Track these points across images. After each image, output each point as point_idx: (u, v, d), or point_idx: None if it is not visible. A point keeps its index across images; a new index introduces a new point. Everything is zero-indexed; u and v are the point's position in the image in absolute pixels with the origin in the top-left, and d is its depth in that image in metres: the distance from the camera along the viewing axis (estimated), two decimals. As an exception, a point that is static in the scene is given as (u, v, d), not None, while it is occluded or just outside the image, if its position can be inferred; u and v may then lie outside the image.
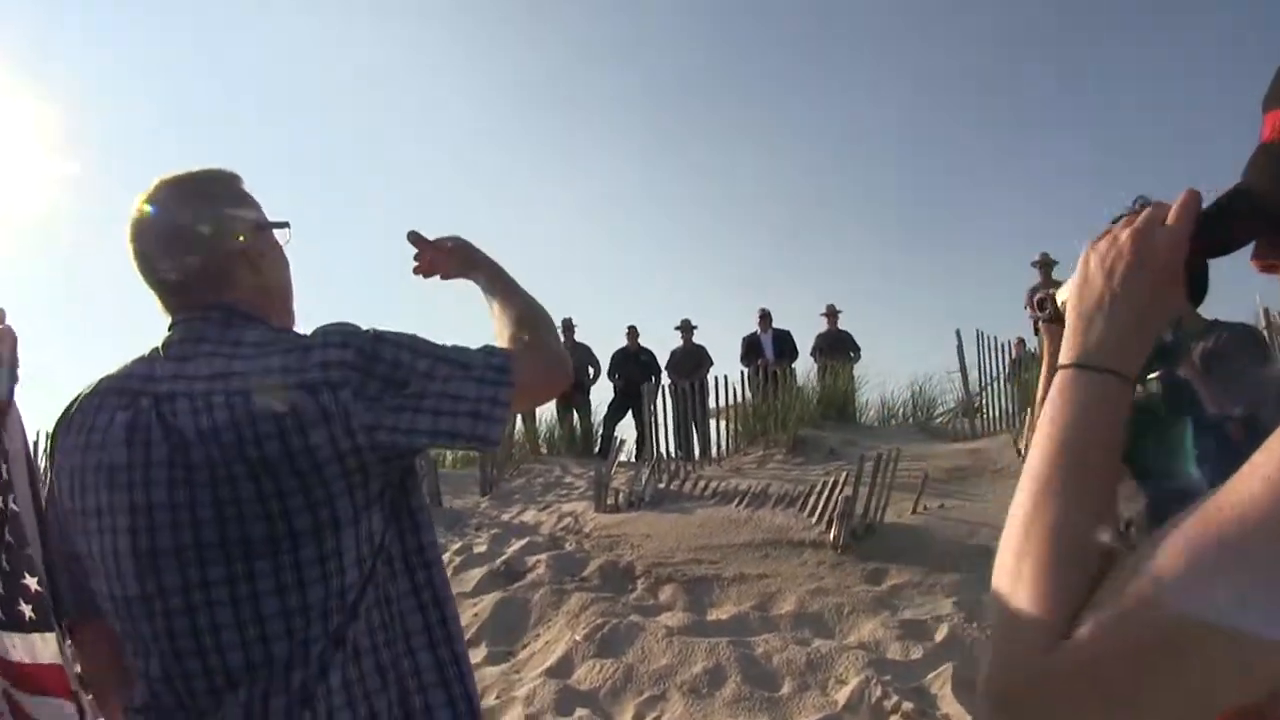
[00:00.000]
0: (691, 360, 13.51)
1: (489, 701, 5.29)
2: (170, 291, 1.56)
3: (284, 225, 1.68)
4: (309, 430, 1.35)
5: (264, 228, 1.63)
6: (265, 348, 1.42)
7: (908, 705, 4.48)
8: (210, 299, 1.54)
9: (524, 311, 1.74)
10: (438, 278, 1.91)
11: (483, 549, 7.95)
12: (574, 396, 13.47)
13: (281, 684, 1.38)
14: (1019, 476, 0.80)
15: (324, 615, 1.40)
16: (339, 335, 1.46)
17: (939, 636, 5.30)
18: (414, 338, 1.51)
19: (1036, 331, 2.74)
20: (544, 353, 1.65)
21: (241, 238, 1.57)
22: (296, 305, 1.71)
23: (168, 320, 1.55)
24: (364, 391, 1.41)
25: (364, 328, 1.50)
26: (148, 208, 1.56)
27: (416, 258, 1.89)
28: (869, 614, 5.71)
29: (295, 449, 1.34)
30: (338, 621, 1.41)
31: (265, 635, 1.38)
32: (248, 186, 1.66)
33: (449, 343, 1.55)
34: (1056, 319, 2.60)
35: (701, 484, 8.98)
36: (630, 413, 13.18)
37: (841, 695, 4.70)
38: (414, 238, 1.87)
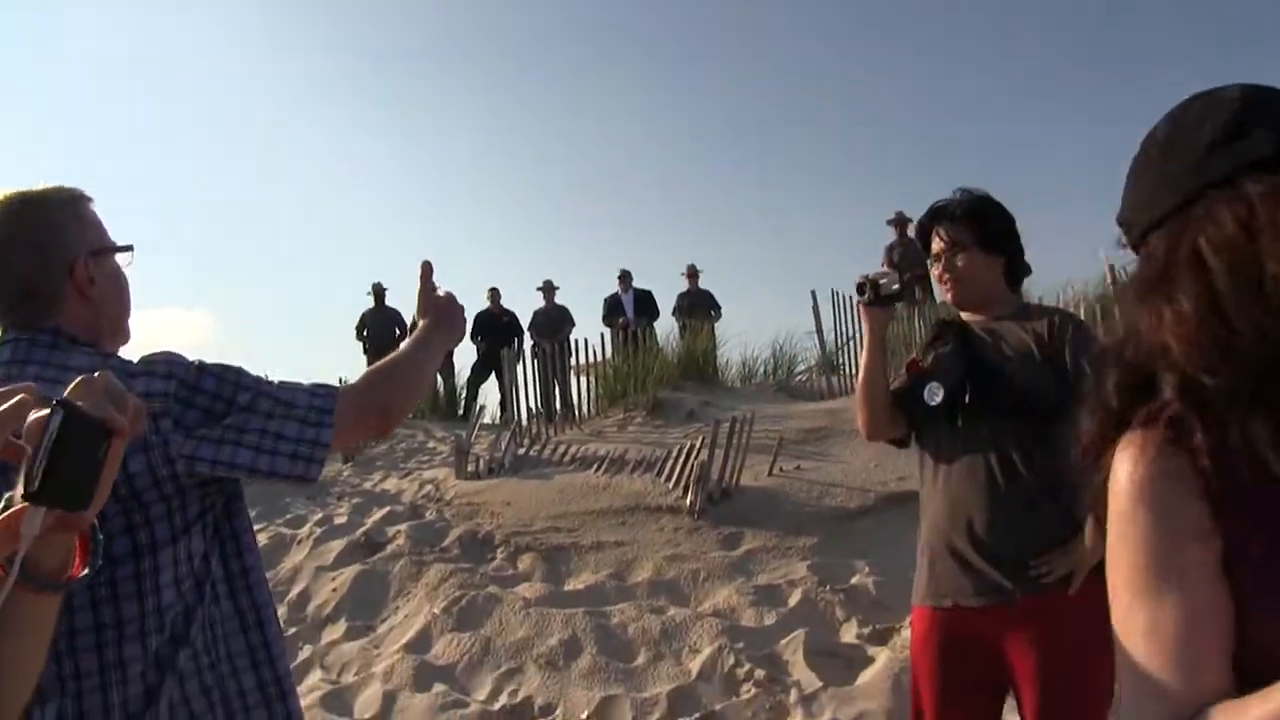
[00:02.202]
0: (554, 321, 13.55)
1: (348, 678, 5.29)
2: None
3: (125, 249, 1.67)
4: (128, 458, 1.37)
5: (98, 253, 1.61)
6: None
7: (760, 673, 4.64)
8: (38, 322, 1.55)
9: (404, 361, 1.76)
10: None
11: (343, 520, 7.88)
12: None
13: (98, 702, 1.41)
14: None
15: (140, 634, 1.43)
16: (164, 365, 1.48)
17: (792, 601, 5.45)
18: (239, 370, 1.54)
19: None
20: (372, 395, 1.66)
21: (71, 266, 1.56)
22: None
23: None
24: (184, 421, 1.45)
25: (189, 358, 1.52)
26: None
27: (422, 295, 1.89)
28: (724, 580, 5.85)
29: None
30: (158, 642, 1.45)
31: (75, 648, 1.40)
32: (93, 207, 1.64)
33: (276, 379, 1.57)
34: (875, 302, 2.61)
35: (561, 449, 9.04)
36: (493, 375, 13.14)
37: (695, 664, 4.85)
38: (426, 270, 1.89)
